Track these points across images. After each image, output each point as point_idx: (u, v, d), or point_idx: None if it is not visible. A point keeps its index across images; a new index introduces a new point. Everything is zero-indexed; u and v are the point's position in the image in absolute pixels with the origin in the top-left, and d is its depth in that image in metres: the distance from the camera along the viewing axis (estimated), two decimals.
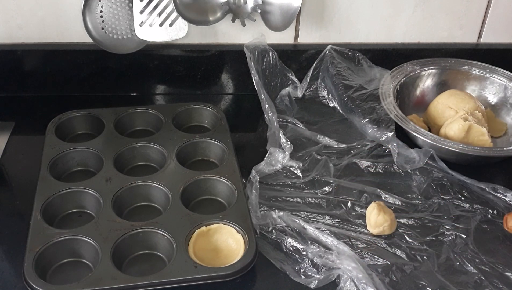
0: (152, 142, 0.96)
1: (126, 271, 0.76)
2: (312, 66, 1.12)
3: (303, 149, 1.00)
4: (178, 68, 1.12)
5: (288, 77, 1.12)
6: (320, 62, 1.12)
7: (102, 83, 1.12)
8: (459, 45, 1.18)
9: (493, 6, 1.14)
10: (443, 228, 0.86)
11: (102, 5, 1.01)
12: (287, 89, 1.12)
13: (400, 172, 0.95)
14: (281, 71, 1.12)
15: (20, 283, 0.73)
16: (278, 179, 0.94)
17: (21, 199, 0.89)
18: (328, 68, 1.11)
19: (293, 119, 1.06)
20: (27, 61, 1.09)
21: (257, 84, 1.06)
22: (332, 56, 1.11)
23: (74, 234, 0.79)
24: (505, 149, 0.96)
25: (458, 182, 0.93)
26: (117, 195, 0.85)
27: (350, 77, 1.10)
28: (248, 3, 1.04)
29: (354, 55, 1.13)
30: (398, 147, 0.95)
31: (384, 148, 0.99)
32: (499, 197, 0.91)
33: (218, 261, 0.78)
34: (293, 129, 1.04)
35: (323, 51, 1.11)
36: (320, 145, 1.01)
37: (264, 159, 0.95)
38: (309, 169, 0.96)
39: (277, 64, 1.11)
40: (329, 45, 1.12)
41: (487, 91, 1.11)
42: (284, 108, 1.10)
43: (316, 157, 0.97)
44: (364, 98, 1.07)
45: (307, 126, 1.05)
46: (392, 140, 0.96)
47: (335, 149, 1.01)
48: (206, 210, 0.86)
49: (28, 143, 1.01)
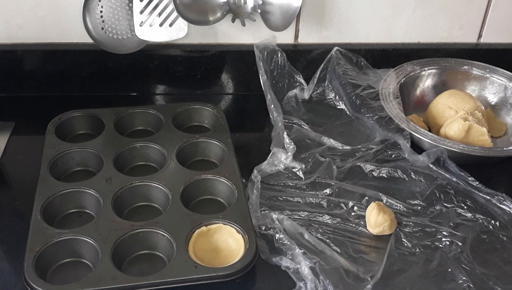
0: (152, 142, 0.96)
1: (126, 271, 0.76)
2: (319, 68, 1.12)
3: (307, 151, 0.99)
4: (178, 68, 1.12)
5: (295, 79, 1.12)
6: (327, 63, 1.12)
7: (102, 83, 1.12)
8: (459, 45, 1.18)
9: (493, 6, 1.14)
10: (440, 234, 0.84)
11: (102, 5, 1.01)
12: (294, 91, 1.12)
13: (404, 177, 0.94)
14: (289, 72, 1.12)
15: (20, 283, 0.73)
16: (280, 179, 0.94)
17: (21, 199, 0.89)
18: (335, 69, 1.11)
19: (298, 120, 1.06)
20: (27, 61, 1.09)
21: (264, 84, 1.06)
22: (338, 57, 1.11)
23: (74, 234, 0.79)
24: (505, 149, 0.97)
25: (463, 190, 0.91)
26: (117, 195, 0.85)
27: (356, 78, 1.10)
28: (248, 3, 1.04)
29: (358, 60, 1.13)
30: (409, 143, 0.94)
31: (390, 153, 0.98)
32: (504, 209, 0.89)
33: (218, 261, 0.78)
34: (298, 130, 1.04)
35: (328, 53, 1.11)
36: (325, 147, 1.00)
37: (267, 159, 0.95)
38: (312, 171, 0.95)
39: (285, 66, 1.11)
40: (336, 47, 1.12)
41: (487, 91, 1.11)
42: (291, 110, 1.09)
43: (319, 159, 0.97)
44: (373, 96, 1.07)
45: (312, 127, 1.05)
46: (404, 137, 0.96)
47: (340, 151, 1.00)
48: (206, 210, 0.86)
49: (28, 143, 1.01)
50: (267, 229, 0.83)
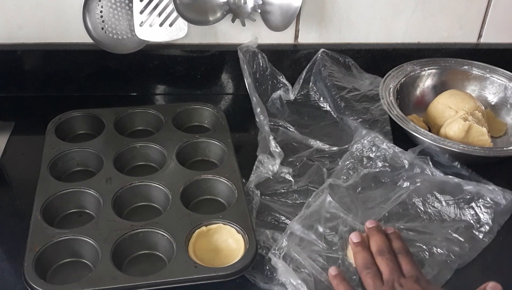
0: (152, 142, 0.96)
1: (126, 271, 0.76)
2: (305, 69, 1.12)
3: (294, 154, 0.98)
4: (178, 68, 1.12)
5: (279, 80, 1.12)
6: (312, 65, 1.12)
7: (102, 83, 1.12)
8: (459, 45, 1.18)
9: (493, 6, 1.14)
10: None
11: (102, 5, 1.01)
12: (279, 92, 1.11)
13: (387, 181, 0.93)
14: (272, 74, 1.11)
15: (20, 283, 0.73)
16: (270, 185, 0.92)
17: (21, 199, 0.89)
18: (321, 71, 1.10)
19: (284, 122, 1.05)
20: (27, 61, 1.09)
21: (249, 87, 1.06)
22: (324, 59, 1.11)
23: (74, 234, 0.79)
24: (505, 149, 0.96)
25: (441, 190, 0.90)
26: (117, 195, 0.85)
27: (342, 80, 1.10)
28: (248, 3, 1.04)
29: (345, 60, 1.13)
30: (391, 147, 0.93)
31: (375, 150, 0.96)
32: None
33: (218, 261, 0.78)
34: (284, 133, 1.03)
35: (315, 54, 1.11)
36: (312, 149, 0.99)
37: (254, 169, 0.92)
38: (300, 174, 0.94)
39: (267, 67, 1.10)
40: (321, 49, 1.12)
41: (487, 91, 1.11)
42: (276, 112, 1.09)
43: (308, 162, 0.96)
44: (358, 98, 1.07)
45: (298, 129, 1.04)
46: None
47: (327, 152, 0.99)
48: (206, 210, 0.86)
49: (28, 143, 1.01)
50: (261, 247, 0.80)
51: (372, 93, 1.09)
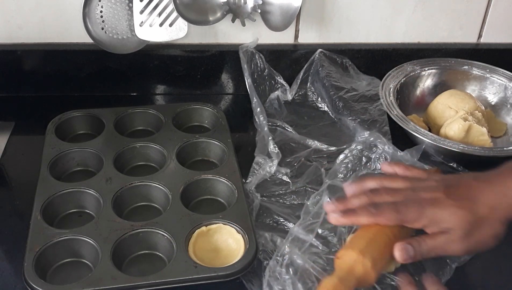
0: (152, 142, 0.96)
1: (126, 271, 0.76)
2: (302, 69, 1.12)
3: (292, 154, 0.98)
4: (178, 68, 1.12)
5: (277, 80, 1.11)
6: (310, 65, 1.11)
7: (102, 83, 1.12)
8: (459, 45, 1.18)
9: (493, 6, 1.14)
10: None
11: (102, 5, 1.01)
12: (276, 93, 1.11)
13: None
14: (270, 74, 1.11)
15: (20, 283, 0.73)
16: (267, 187, 0.91)
17: (21, 199, 0.89)
18: (319, 71, 1.10)
19: (282, 122, 1.04)
20: (27, 61, 1.09)
21: (250, 87, 1.06)
22: (322, 60, 1.11)
23: (74, 234, 0.79)
24: (505, 149, 0.96)
25: None
26: (117, 195, 0.85)
27: (340, 80, 1.10)
28: (248, 3, 1.04)
29: (342, 61, 1.13)
30: (391, 148, 0.93)
31: (374, 151, 0.96)
32: None
33: (218, 261, 0.78)
34: (282, 133, 1.02)
35: (313, 55, 1.11)
36: (310, 149, 0.99)
37: (251, 171, 0.92)
38: (298, 174, 0.94)
39: (265, 68, 1.10)
40: (319, 49, 1.12)
41: (487, 91, 1.11)
42: (273, 112, 1.08)
43: (305, 163, 0.96)
44: (356, 98, 1.07)
45: (296, 129, 1.03)
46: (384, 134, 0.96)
47: (325, 153, 0.99)
48: (206, 210, 0.86)
49: (28, 143, 1.01)
50: (260, 251, 0.79)
51: (371, 93, 1.09)
